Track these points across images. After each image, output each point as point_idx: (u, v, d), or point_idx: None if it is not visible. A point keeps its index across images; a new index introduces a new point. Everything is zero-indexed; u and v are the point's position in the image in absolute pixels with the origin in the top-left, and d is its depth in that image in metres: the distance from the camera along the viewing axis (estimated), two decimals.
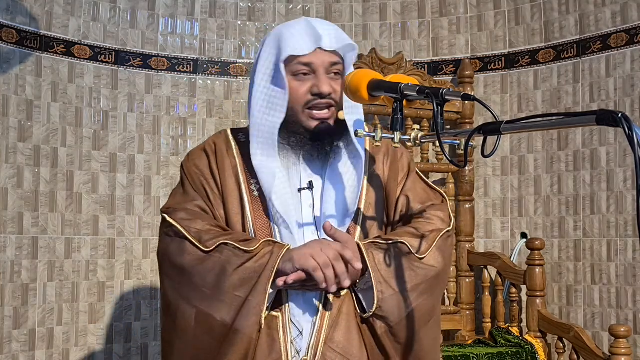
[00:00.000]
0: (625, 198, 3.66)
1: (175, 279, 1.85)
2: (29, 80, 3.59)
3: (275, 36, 1.92)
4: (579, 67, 3.85)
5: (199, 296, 1.80)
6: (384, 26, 4.26)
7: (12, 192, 3.51)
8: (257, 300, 1.75)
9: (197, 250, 1.81)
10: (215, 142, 2.00)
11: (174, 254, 1.85)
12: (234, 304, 1.76)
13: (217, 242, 1.80)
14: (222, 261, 1.79)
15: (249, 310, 1.75)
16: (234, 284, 1.77)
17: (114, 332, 3.83)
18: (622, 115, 1.21)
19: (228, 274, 1.77)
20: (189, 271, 1.82)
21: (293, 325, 1.84)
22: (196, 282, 1.80)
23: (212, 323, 1.78)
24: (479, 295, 4.03)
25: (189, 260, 1.82)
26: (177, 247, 1.85)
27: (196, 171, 1.97)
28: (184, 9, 4.07)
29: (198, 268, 1.81)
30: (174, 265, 1.85)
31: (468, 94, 1.57)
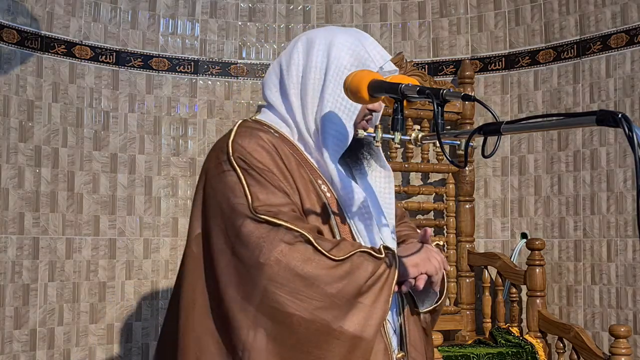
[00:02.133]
0: (625, 198, 3.66)
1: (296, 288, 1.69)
2: (29, 81, 3.60)
3: (348, 42, 1.91)
4: (579, 68, 3.85)
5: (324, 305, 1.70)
6: (384, 27, 4.26)
7: (13, 192, 3.51)
8: (382, 306, 1.74)
9: (325, 259, 1.71)
10: (268, 138, 1.84)
11: (296, 261, 1.70)
12: (361, 311, 1.72)
13: (346, 250, 1.73)
14: (355, 269, 1.73)
15: (376, 318, 1.74)
16: (363, 291, 1.73)
17: (115, 332, 3.83)
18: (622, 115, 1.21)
19: (361, 282, 1.72)
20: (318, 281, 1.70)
21: (389, 324, 1.86)
22: (328, 291, 1.70)
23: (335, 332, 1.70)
24: (479, 295, 4.03)
25: (318, 269, 1.70)
26: (299, 253, 1.70)
27: (264, 168, 1.78)
28: (184, 10, 4.08)
29: (326, 277, 1.70)
30: (297, 274, 1.69)
31: (468, 94, 1.58)
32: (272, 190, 1.76)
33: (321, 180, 1.86)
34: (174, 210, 4.01)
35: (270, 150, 1.81)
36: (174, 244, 4.00)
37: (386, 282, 1.75)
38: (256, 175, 1.77)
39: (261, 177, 1.77)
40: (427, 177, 4.21)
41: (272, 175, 1.78)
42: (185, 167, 4.05)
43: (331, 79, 1.86)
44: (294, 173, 1.82)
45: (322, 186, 1.86)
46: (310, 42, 1.92)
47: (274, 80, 1.95)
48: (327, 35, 1.93)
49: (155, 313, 3.94)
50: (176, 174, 4.03)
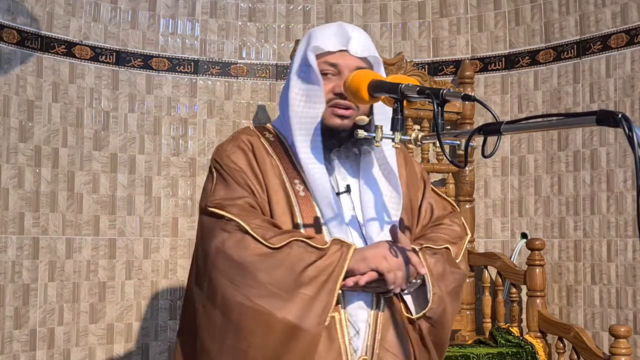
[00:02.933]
0: (625, 198, 3.66)
1: (232, 274, 1.76)
2: (29, 81, 3.60)
3: (307, 35, 1.99)
4: (579, 68, 3.86)
5: (261, 292, 1.73)
6: (385, 27, 4.26)
7: (13, 192, 3.51)
8: (325, 299, 1.74)
9: (261, 246, 1.76)
10: (249, 139, 1.96)
11: (233, 249, 1.77)
12: (299, 302, 1.73)
13: (283, 239, 1.76)
14: (292, 258, 1.75)
15: (316, 309, 1.73)
16: (303, 282, 1.73)
17: (115, 332, 3.84)
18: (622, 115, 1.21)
19: (298, 270, 1.73)
20: (251, 267, 1.75)
21: (350, 325, 1.84)
22: (260, 278, 1.73)
23: (271, 320, 1.73)
24: (479, 295, 4.03)
25: (252, 256, 1.76)
26: (237, 242, 1.78)
27: (235, 167, 1.91)
28: (184, 10, 4.08)
29: (263, 264, 1.75)
30: (233, 261, 1.77)
31: (468, 94, 1.58)
32: (233, 187, 1.89)
33: (300, 180, 1.91)
34: (174, 210, 4.01)
35: (247, 150, 1.93)
36: (174, 244, 4.00)
37: (331, 275, 1.75)
38: (225, 175, 1.91)
39: (228, 176, 1.91)
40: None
41: (240, 173, 1.90)
42: (185, 167, 4.05)
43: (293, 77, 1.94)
44: (267, 172, 1.91)
45: (298, 185, 1.90)
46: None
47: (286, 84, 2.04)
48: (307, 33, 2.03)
49: (155, 313, 3.94)
50: (176, 174, 4.03)
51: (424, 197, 2.08)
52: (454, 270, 1.95)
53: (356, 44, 1.93)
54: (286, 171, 1.92)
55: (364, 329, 1.86)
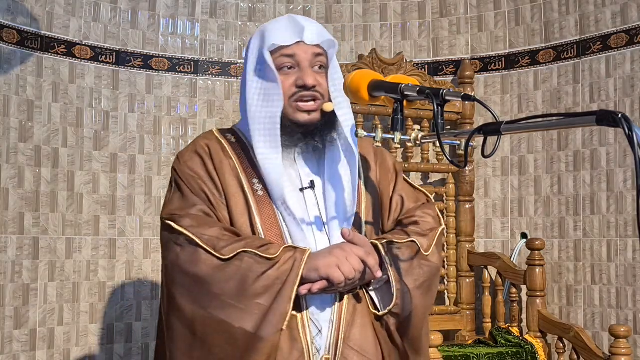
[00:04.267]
0: (625, 198, 3.66)
1: (189, 288, 1.78)
2: (29, 81, 3.60)
3: (260, 32, 1.96)
4: (579, 68, 3.86)
5: (217, 305, 1.74)
6: (385, 27, 4.26)
7: (13, 192, 3.51)
8: (282, 307, 1.73)
9: (213, 259, 1.76)
10: (207, 144, 1.96)
11: (187, 263, 1.79)
12: (256, 311, 1.73)
13: (234, 249, 1.76)
14: (243, 269, 1.74)
15: (273, 318, 1.73)
16: (257, 292, 1.73)
17: (115, 332, 3.84)
18: (622, 115, 1.22)
19: (250, 282, 1.73)
20: (205, 280, 1.76)
21: (312, 324, 1.84)
22: (214, 291, 1.74)
23: (231, 331, 1.73)
24: (479, 295, 4.03)
25: (205, 269, 1.76)
26: (190, 256, 1.78)
27: (191, 174, 1.91)
28: (184, 10, 4.08)
29: (216, 277, 1.75)
30: (188, 275, 1.78)
31: (468, 94, 1.58)
32: (187, 195, 1.90)
33: (258, 179, 1.90)
34: None
35: (204, 155, 1.94)
36: None
37: (285, 283, 1.74)
38: (180, 183, 1.93)
39: (183, 184, 1.92)
40: (427, 177, 4.21)
41: (197, 180, 1.91)
42: None
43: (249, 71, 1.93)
44: (224, 175, 1.90)
45: (257, 185, 1.89)
46: None
47: None
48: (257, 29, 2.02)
49: (155, 313, 3.94)
50: None
51: (395, 190, 2.05)
52: (422, 264, 1.90)
53: (310, 33, 1.91)
54: (245, 172, 1.91)
55: (326, 327, 1.85)
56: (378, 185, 2.03)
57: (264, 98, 1.89)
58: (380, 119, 3.83)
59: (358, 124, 3.56)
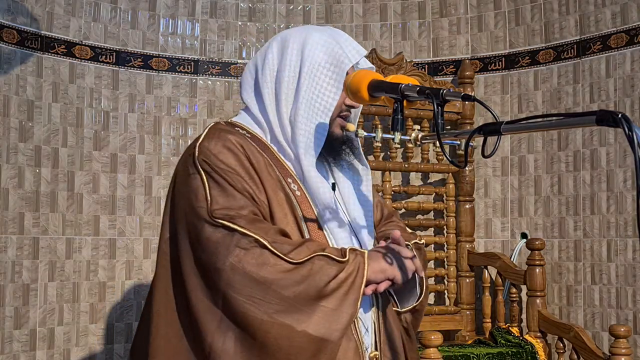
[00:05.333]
0: (625, 198, 3.66)
1: (250, 293, 1.71)
2: (29, 81, 3.60)
3: (321, 40, 1.91)
4: (579, 68, 3.86)
5: (283, 308, 1.70)
6: (385, 27, 4.26)
7: (13, 192, 3.51)
8: (351, 310, 1.74)
9: (282, 262, 1.71)
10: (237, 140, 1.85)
11: (253, 267, 1.70)
12: (322, 314, 1.72)
13: (301, 252, 1.73)
14: (314, 272, 1.72)
15: (339, 320, 1.73)
16: (325, 295, 1.72)
17: (115, 332, 3.84)
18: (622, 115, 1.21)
19: (321, 285, 1.72)
20: (274, 285, 1.70)
21: (361, 323, 1.86)
22: (283, 294, 1.70)
23: (293, 335, 1.71)
24: (479, 295, 4.03)
25: (274, 273, 1.70)
26: (256, 259, 1.71)
27: (229, 169, 1.80)
28: (184, 10, 4.08)
29: (286, 281, 1.71)
30: (252, 279, 1.70)
31: (468, 94, 1.58)
32: (232, 193, 1.77)
33: (292, 179, 1.87)
34: None
35: (237, 151, 1.82)
36: None
37: (352, 286, 1.74)
38: (218, 178, 1.79)
39: (223, 180, 1.78)
40: (427, 177, 4.21)
41: (236, 176, 1.79)
42: None
43: (305, 77, 1.87)
44: (262, 173, 1.83)
45: (292, 185, 1.87)
46: (285, 42, 1.93)
47: (249, 81, 1.97)
48: (301, 34, 1.94)
49: None
50: None
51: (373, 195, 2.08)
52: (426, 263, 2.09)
53: (364, 61, 1.96)
54: (279, 171, 1.88)
55: (371, 326, 1.89)
56: None
57: (318, 107, 1.87)
58: (380, 119, 3.83)
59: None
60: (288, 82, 1.89)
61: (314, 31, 1.94)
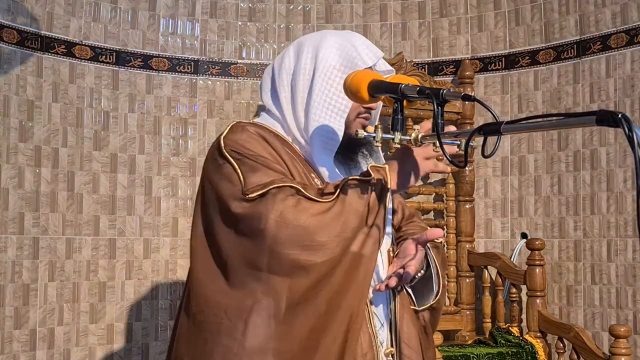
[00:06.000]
0: (625, 198, 3.66)
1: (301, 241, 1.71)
2: (29, 81, 3.60)
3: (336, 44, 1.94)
4: (579, 68, 3.86)
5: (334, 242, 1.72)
6: (384, 27, 4.26)
7: (13, 192, 3.51)
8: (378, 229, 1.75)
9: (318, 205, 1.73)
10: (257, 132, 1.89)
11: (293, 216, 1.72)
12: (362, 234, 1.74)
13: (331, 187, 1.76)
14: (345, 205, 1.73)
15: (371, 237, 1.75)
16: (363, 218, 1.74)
17: (115, 332, 3.84)
18: (622, 115, 1.21)
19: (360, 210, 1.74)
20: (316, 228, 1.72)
21: (376, 318, 1.88)
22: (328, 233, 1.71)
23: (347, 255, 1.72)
24: (479, 295, 4.03)
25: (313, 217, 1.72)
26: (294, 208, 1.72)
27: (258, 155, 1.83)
28: (184, 10, 4.08)
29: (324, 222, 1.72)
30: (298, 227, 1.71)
31: (468, 94, 1.58)
32: (265, 172, 1.80)
33: (314, 174, 1.90)
34: (174, 210, 4.01)
35: (261, 141, 1.86)
36: (174, 244, 4.00)
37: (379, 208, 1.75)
38: (249, 162, 1.81)
39: (254, 162, 1.81)
40: (427, 177, 4.21)
41: (265, 159, 1.82)
42: (185, 167, 4.05)
43: (318, 79, 1.91)
44: (288, 163, 1.86)
45: (316, 179, 1.90)
46: (301, 46, 1.98)
47: (268, 84, 2.01)
48: (318, 37, 1.98)
49: (155, 313, 3.94)
50: (176, 174, 4.03)
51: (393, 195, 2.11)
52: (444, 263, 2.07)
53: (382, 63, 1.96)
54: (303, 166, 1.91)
55: (386, 322, 1.91)
56: None
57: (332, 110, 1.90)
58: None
59: None
60: (303, 85, 1.93)
61: (330, 35, 1.98)
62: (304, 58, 1.94)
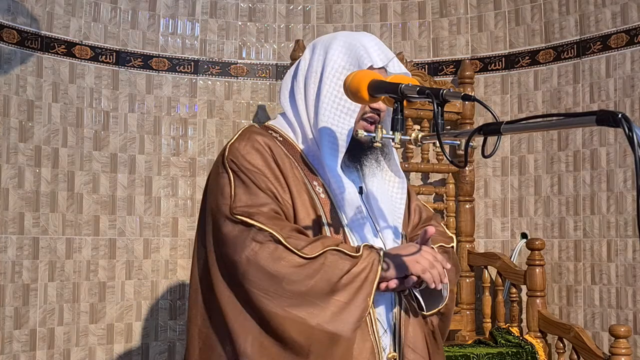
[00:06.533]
0: (625, 198, 3.66)
1: (267, 286, 1.76)
2: (29, 81, 3.60)
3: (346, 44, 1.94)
4: (579, 68, 3.86)
5: (296, 302, 1.75)
6: (385, 27, 4.26)
7: (13, 192, 3.51)
8: (362, 305, 1.76)
9: (295, 257, 1.76)
10: (264, 141, 1.91)
11: (267, 260, 1.76)
12: (334, 309, 1.75)
13: (315, 247, 1.77)
14: (327, 267, 1.76)
15: (351, 315, 1.76)
16: (338, 289, 1.76)
17: (115, 332, 3.84)
18: (622, 115, 1.21)
19: (334, 279, 1.76)
20: (286, 279, 1.75)
21: (379, 324, 1.87)
22: (295, 289, 1.75)
23: (309, 329, 1.75)
24: (479, 295, 4.03)
25: (287, 267, 1.76)
26: (270, 253, 1.77)
27: (254, 169, 1.86)
28: (184, 10, 4.08)
29: (299, 275, 1.75)
30: (266, 273, 1.76)
31: (468, 94, 1.58)
32: (255, 192, 1.84)
33: (317, 182, 1.91)
34: (174, 210, 4.01)
35: (264, 152, 1.89)
36: (174, 244, 4.00)
37: (365, 280, 1.77)
38: (244, 177, 1.86)
39: (248, 179, 1.85)
40: (427, 177, 4.21)
41: (261, 176, 1.86)
42: (185, 167, 4.05)
43: (326, 80, 1.92)
44: (287, 174, 1.88)
45: (317, 187, 1.91)
46: (314, 48, 2.00)
47: (287, 87, 2.03)
48: (329, 38, 2.00)
49: (155, 313, 3.94)
50: (176, 174, 4.03)
51: (411, 199, 2.12)
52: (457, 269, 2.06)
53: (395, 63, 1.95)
54: (305, 173, 1.92)
55: (390, 327, 1.90)
56: None
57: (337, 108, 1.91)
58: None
59: None
60: (313, 86, 1.95)
61: (341, 35, 1.99)
62: (315, 59, 1.97)
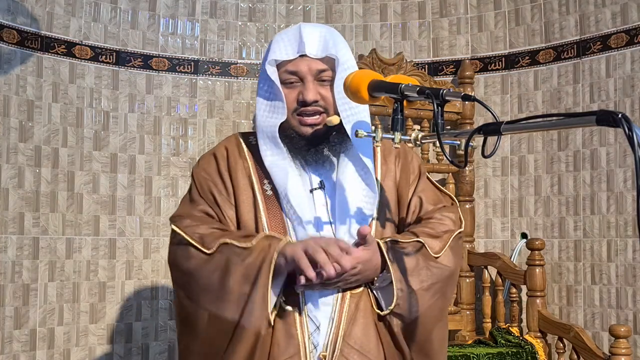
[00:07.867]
0: (625, 198, 3.66)
1: (184, 285, 1.90)
2: (29, 81, 3.60)
3: (269, 44, 2.03)
4: (579, 68, 3.86)
5: (208, 298, 1.83)
6: (384, 27, 4.26)
7: (13, 192, 3.51)
8: (260, 294, 1.77)
9: (200, 254, 1.86)
10: (226, 146, 2.05)
11: (181, 260, 1.91)
12: (239, 300, 1.79)
13: (218, 242, 1.84)
14: (224, 260, 1.82)
15: (253, 306, 1.77)
16: (238, 281, 1.79)
17: (115, 332, 3.83)
18: (622, 115, 1.21)
19: (231, 272, 1.80)
20: (195, 275, 1.86)
21: (310, 320, 1.85)
22: (203, 284, 1.84)
23: (222, 323, 1.81)
24: (479, 295, 4.03)
25: (194, 264, 1.87)
26: (183, 253, 1.91)
27: (205, 176, 2.01)
28: (184, 10, 4.08)
29: (203, 271, 1.85)
30: (182, 271, 1.91)
31: (468, 94, 1.58)
32: (196, 198, 2.00)
33: (269, 180, 1.95)
34: (174, 210, 3.99)
35: (220, 158, 2.01)
36: None
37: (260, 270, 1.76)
38: (193, 186, 2.04)
39: (195, 187, 2.02)
40: None
41: (208, 182, 1.99)
42: (185, 167, 4.05)
43: (261, 78, 2.03)
44: (236, 175, 1.97)
45: (267, 185, 1.95)
46: None
47: None
48: None
49: (155, 313, 3.94)
50: (176, 174, 4.03)
51: (415, 192, 2.04)
52: (430, 265, 1.87)
53: (312, 46, 1.93)
54: (257, 172, 1.97)
55: (325, 324, 1.85)
56: (396, 187, 2.03)
57: (269, 109, 1.96)
58: (380, 119, 3.83)
59: None
60: (260, 86, 2.02)
61: (278, 34, 2.04)
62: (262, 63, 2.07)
